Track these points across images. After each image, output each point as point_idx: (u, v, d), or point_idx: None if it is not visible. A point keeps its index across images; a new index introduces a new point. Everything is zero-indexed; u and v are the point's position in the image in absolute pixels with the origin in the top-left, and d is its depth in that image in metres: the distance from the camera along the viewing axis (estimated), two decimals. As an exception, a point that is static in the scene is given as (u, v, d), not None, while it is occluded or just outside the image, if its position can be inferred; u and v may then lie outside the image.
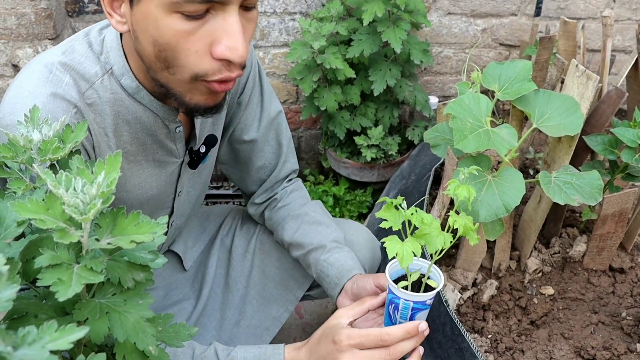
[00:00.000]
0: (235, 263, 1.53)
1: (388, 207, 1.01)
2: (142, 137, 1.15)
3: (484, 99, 1.23)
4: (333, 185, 2.50)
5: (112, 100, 1.07)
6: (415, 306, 1.01)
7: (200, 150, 1.28)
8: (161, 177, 1.24)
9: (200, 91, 1.02)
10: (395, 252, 0.93)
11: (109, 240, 0.65)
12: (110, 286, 0.71)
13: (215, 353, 1.13)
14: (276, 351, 1.11)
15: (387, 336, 1.00)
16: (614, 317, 1.40)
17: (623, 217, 1.39)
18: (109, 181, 0.64)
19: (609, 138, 1.38)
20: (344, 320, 1.07)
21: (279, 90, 2.48)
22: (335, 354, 1.02)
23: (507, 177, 1.19)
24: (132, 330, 0.68)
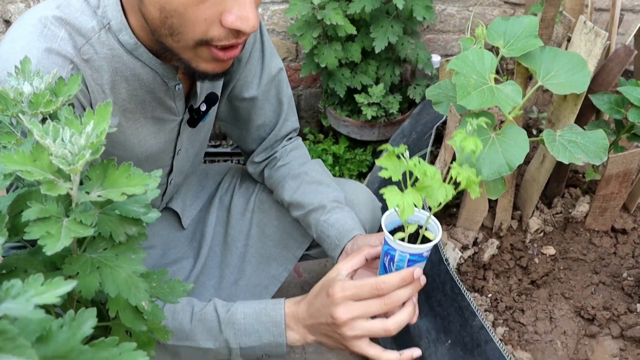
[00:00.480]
0: (234, 221, 1.52)
1: (389, 155, 0.97)
2: (141, 95, 1.12)
3: (488, 55, 1.20)
4: (333, 144, 2.47)
5: (109, 56, 1.04)
6: (411, 258, 0.98)
7: (201, 109, 1.25)
8: (160, 135, 1.21)
9: (204, 58, 0.99)
10: (396, 204, 0.89)
11: (99, 192, 0.63)
12: (101, 240, 0.69)
13: (214, 309, 1.11)
14: (277, 306, 1.09)
15: (382, 284, 0.98)
16: (614, 278, 1.39)
17: (627, 177, 1.36)
18: (98, 132, 0.61)
19: (615, 97, 1.35)
20: (343, 272, 1.04)
21: (278, 47, 2.43)
22: (330, 307, 0.99)
23: (511, 135, 1.16)
24: (124, 286, 0.66)
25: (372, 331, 1.00)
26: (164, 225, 1.51)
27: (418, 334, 1.30)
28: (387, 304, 0.98)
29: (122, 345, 0.59)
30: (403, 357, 1.02)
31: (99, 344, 0.59)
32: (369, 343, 1.02)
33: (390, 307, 0.98)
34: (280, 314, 1.08)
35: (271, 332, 1.08)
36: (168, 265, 1.46)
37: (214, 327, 1.10)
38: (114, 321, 0.79)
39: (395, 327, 0.99)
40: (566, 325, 1.31)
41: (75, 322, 0.58)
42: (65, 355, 0.56)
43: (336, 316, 0.98)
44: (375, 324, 0.99)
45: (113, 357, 0.58)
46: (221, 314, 1.10)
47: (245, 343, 1.09)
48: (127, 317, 0.73)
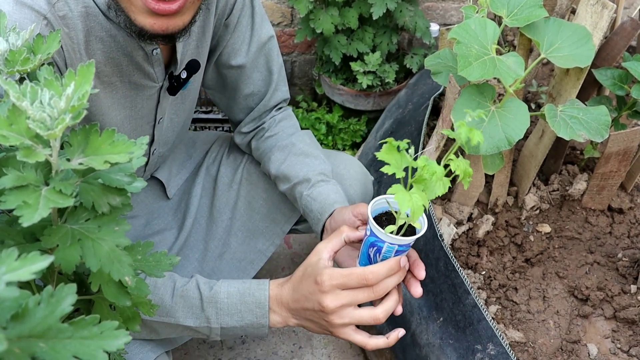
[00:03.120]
0: (221, 193, 1.47)
1: (390, 148, 0.93)
2: (117, 58, 1.06)
3: (491, 25, 1.15)
4: (326, 112, 2.42)
5: (84, 14, 0.98)
6: (399, 249, 0.96)
7: (181, 76, 1.20)
8: (137, 100, 1.15)
9: (139, 8, 0.93)
10: (409, 207, 0.87)
11: (81, 160, 0.59)
12: (83, 211, 0.65)
13: (197, 286, 1.08)
14: (261, 287, 1.06)
15: (370, 275, 0.96)
16: (609, 258, 1.37)
17: (627, 156, 1.33)
18: (80, 94, 0.57)
19: (619, 72, 1.31)
20: (324, 255, 1.01)
21: (273, 11, 2.37)
22: (318, 294, 0.97)
23: (512, 109, 1.13)
24: (107, 259, 0.62)
25: (361, 320, 0.98)
26: (148, 195, 1.46)
27: (410, 310, 1.28)
28: (376, 292, 0.97)
29: (103, 324, 0.56)
30: (390, 341, 1.01)
31: (78, 322, 0.55)
32: (355, 330, 1.01)
33: (378, 296, 0.97)
34: (264, 295, 1.05)
35: (254, 314, 1.05)
36: (151, 236, 1.42)
37: (196, 305, 1.07)
38: (97, 295, 0.75)
39: (384, 315, 0.98)
40: (559, 305, 1.29)
41: (53, 298, 0.54)
42: (42, 334, 0.53)
43: (325, 304, 0.96)
44: (364, 312, 0.98)
45: (93, 336, 0.55)
46: (204, 292, 1.07)
47: (226, 323, 1.06)
48: (110, 291, 0.70)
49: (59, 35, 0.73)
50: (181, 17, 0.97)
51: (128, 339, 0.55)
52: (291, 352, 1.73)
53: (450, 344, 1.18)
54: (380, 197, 0.99)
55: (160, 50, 1.11)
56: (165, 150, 1.37)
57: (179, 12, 0.95)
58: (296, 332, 1.78)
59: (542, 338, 1.24)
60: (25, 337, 0.52)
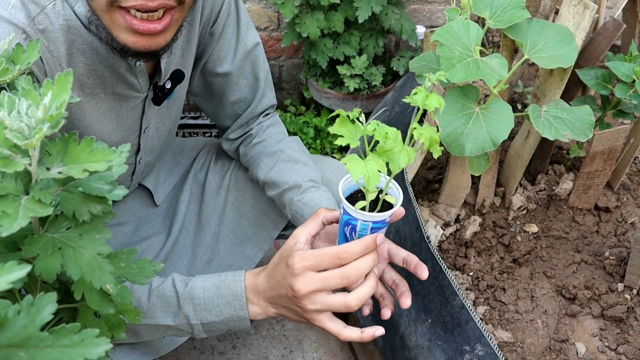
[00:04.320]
0: (209, 199, 1.47)
1: (343, 120, 0.90)
2: (100, 70, 1.06)
3: (474, 27, 1.16)
4: (314, 116, 2.42)
5: (65, 27, 0.97)
6: (374, 226, 0.93)
7: (166, 86, 1.19)
8: (122, 111, 1.15)
9: (120, 26, 0.93)
10: (361, 174, 0.85)
11: (60, 169, 0.59)
12: (64, 219, 0.65)
13: (173, 284, 1.07)
14: (236, 278, 1.04)
15: (344, 253, 0.92)
16: (596, 257, 1.38)
17: (612, 155, 1.34)
18: (58, 103, 0.57)
19: (602, 72, 1.32)
20: (302, 238, 0.98)
21: (259, 16, 2.37)
22: (289, 278, 0.94)
23: (496, 110, 1.13)
24: (88, 268, 0.62)
25: (332, 306, 0.94)
26: (136, 202, 1.46)
27: (398, 312, 1.28)
28: (349, 278, 0.92)
29: (84, 332, 0.55)
30: (364, 335, 0.96)
31: (59, 331, 0.55)
32: (330, 317, 0.96)
33: (352, 281, 0.93)
34: (240, 286, 1.02)
35: (232, 306, 1.03)
36: (138, 243, 1.41)
37: (173, 303, 1.05)
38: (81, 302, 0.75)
39: (356, 303, 0.94)
40: (547, 304, 1.30)
41: (33, 307, 0.54)
42: (22, 344, 0.53)
43: (296, 288, 0.93)
44: (336, 298, 0.94)
45: (74, 345, 0.55)
46: (179, 289, 1.05)
47: (206, 318, 1.05)
48: (93, 299, 0.70)
49: (39, 45, 0.73)
50: (164, 35, 0.97)
51: (109, 347, 0.55)
52: (282, 356, 1.73)
53: (438, 345, 1.19)
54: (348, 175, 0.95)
55: (144, 61, 1.11)
56: (151, 158, 1.37)
57: (162, 31, 0.95)
58: (287, 337, 1.77)
59: (530, 338, 1.24)
60: (5, 347, 0.52)
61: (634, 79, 1.25)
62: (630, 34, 1.55)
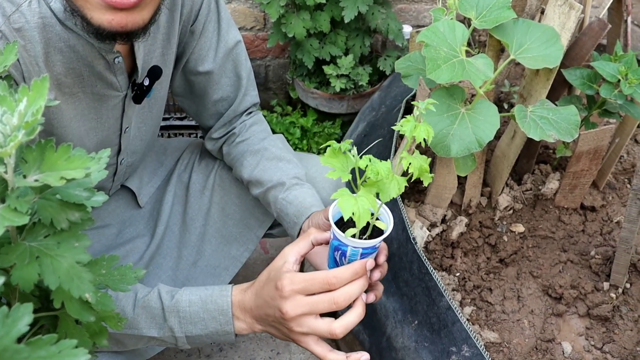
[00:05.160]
0: (193, 200, 1.46)
1: (334, 151, 0.90)
2: (78, 68, 1.04)
3: (459, 27, 1.16)
4: (301, 116, 2.42)
5: (41, 25, 0.96)
6: (364, 252, 0.94)
7: (144, 84, 1.18)
8: (102, 110, 1.14)
9: (95, 5, 0.90)
10: (352, 212, 0.85)
11: (37, 176, 0.58)
12: (42, 228, 0.63)
13: (158, 296, 1.05)
14: (223, 292, 1.03)
15: (334, 279, 0.92)
16: (582, 256, 1.38)
17: (598, 154, 1.34)
18: (34, 110, 0.56)
19: (588, 72, 1.32)
20: (290, 258, 0.98)
21: (245, 16, 2.36)
22: (278, 300, 0.94)
23: (482, 110, 1.13)
24: (66, 276, 0.61)
25: (318, 331, 0.94)
26: (120, 204, 1.45)
27: (385, 314, 1.28)
28: (337, 303, 0.93)
29: (61, 343, 0.54)
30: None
31: (35, 342, 0.54)
32: (316, 340, 0.97)
33: (340, 306, 0.93)
34: (227, 301, 1.02)
35: (218, 321, 1.02)
36: (122, 245, 1.40)
37: (158, 315, 1.04)
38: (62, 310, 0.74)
39: (342, 331, 0.94)
40: (533, 304, 1.30)
41: (9, 319, 0.53)
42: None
43: (284, 310, 0.93)
44: (322, 324, 0.94)
45: (51, 356, 0.54)
46: (165, 301, 1.04)
47: (191, 332, 1.04)
48: (73, 307, 0.69)
49: (16, 48, 0.71)
50: (140, 12, 0.94)
51: (87, 357, 0.54)
52: (269, 358, 1.72)
53: (425, 346, 1.18)
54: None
55: (123, 58, 1.09)
56: (134, 159, 1.35)
57: (137, 5, 0.92)
58: (274, 339, 1.77)
59: (517, 338, 1.24)
60: (-20, 360, 0.51)
61: (619, 78, 1.25)
62: (616, 33, 1.55)
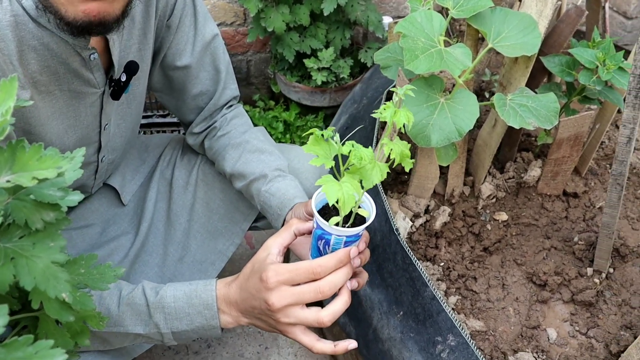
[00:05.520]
0: (177, 196, 1.45)
1: (316, 139, 0.91)
2: (53, 66, 1.03)
3: (437, 17, 1.15)
4: (283, 110, 2.41)
5: (13, 23, 0.94)
6: (347, 240, 0.94)
7: (121, 79, 1.17)
8: (80, 108, 1.13)
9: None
10: (337, 197, 0.85)
11: (8, 177, 0.57)
12: (16, 228, 0.63)
13: (143, 292, 1.05)
14: (208, 287, 1.03)
15: (318, 268, 0.93)
16: (566, 242, 1.38)
17: (578, 141, 1.35)
18: (3, 110, 0.55)
19: (566, 59, 1.32)
20: (274, 250, 0.98)
21: (225, 11, 2.35)
22: (263, 292, 0.94)
23: (461, 100, 1.13)
24: (42, 277, 0.61)
25: (306, 321, 0.95)
26: (102, 202, 1.44)
27: (370, 305, 1.28)
28: (323, 292, 0.93)
29: (38, 344, 0.54)
30: (337, 349, 0.97)
31: (11, 344, 0.54)
32: (303, 330, 0.97)
33: (326, 295, 0.94)
34: (211, 295, 1.02)
35: (203, 315, 1.02)
36: (107, 243, 1.39)
37: (143, 312, 1.04)
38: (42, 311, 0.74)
39: (329, 319, 0.95)
40: (518, 291, 1.30)
41: (-16, 321, 0.53)
42: (-28, 359, 0.51)
43: (270, 302, 0.93)
44: (310, 313, 0.95)
45: (28, 357, 0.53)
46: (150, 298, 1.04)
47: (176, 327, 1.03)
48: (52, 308, 0.68)
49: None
50: (111, 3, 0.93)
51: (64, 357, 0.54)
52: (257, 353, 1.72)
53: (411, 337, 1.19)
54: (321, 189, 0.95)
55: (98, 55, 1.08)
56: (115, 156, 1.35)
57: None
58: (262, 333, 1.77)
59: (502, 326, 1.25)
60: (-45, 364, 0.50)
61: (597, 65, 1.26)
62: (594, 19, 1.55)
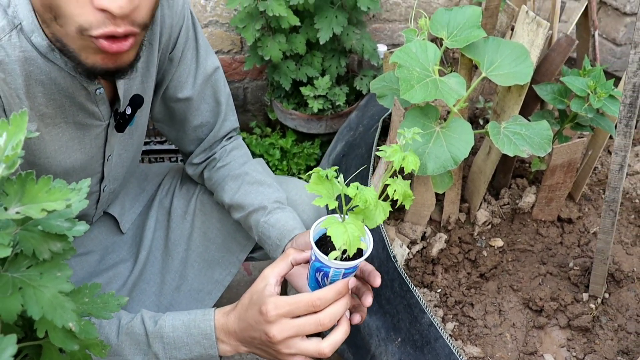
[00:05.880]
0: (175, 225, 1.46)
1: (319, 179, 0.93)
2: (59, 99, 1.05)
3: (431, 47, 1.18)
4: (280, 137, 2.44)
5: (22, 59, 0.96)
6: (346, 272, 0.96)
7: (126, 112, 1.19)
8: (85, 140, 1.15)
9: (92, 50, 0.92)
10: (343, 241, 0.86)
11: (18, 209, 0.58)
12: (24, 258, 0.64)
13: (142, 322, 1.06)
14: (206, 317, 1.04)
15: (318, 301, 0.95)
16: (561, 268, 1.40)
17: (572, 167, 1.37)
18: (14, 144, 0.56)
19: (558, 87, 1.35)
20: (271, 280, 1.00)
21: (222, 39, 2.38)
22: (264, 325, 0.96)
23: (456, 129, 1.15)
24: (49, 307, 0.62)
25: (307, 352, 0.97)
26: (102, 230, 1.45)
27: (368, 332, 1.29)
28: (323, 325, 0.95)
29: (46, 373, 0.55)
30: None
31: (20, 373, 0.55)
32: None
33: (326, 327, 0.96)
34: (210, 325, 1.03)
35: (202, 345, 1.03)
36: (105, 271, 1.40)
37: (142, 341, 1.05)
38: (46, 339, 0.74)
39: (330, 349, 0.97)
40: (515, 317, 1.31)
41: (-7, 351, 0.54)
42: (-18, 388, 0.52)
43: (271, 335, 0.95)
44: (311, 345, 0.97)
45: (36, 387, 0.54)
46: (149, 327, 1.05)
47: (175, 357, 1.04)
48: (56, 337, 0.69)
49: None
50: (128, 53, 0.97)
51: (72, 387, 0.55)
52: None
53: (409, 363, 1.19)
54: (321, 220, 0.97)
55: (104, 89, 1.11)
56: (115, 186, 1.36)
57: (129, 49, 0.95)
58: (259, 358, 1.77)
59: (499, 352, 1.25)
60: (-35, 393, 0.51)
61: (588, 92, 1.28)
62: (584, 48, 1.59)
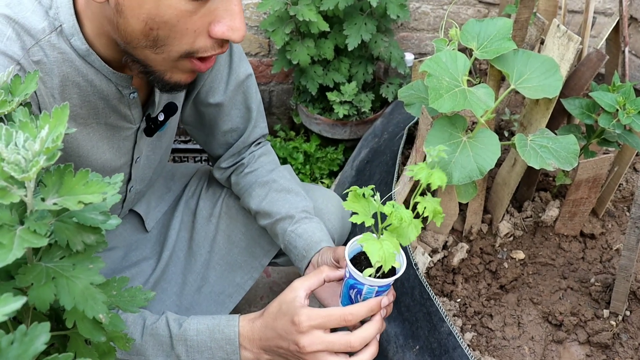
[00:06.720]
0: (200, 227, 1.48)
1: (356, 196, 0.95)
2: (93, 101, 1.07)
3: (461, 57, 1.18)
4: (304, 141, 2.45)
5: (60, 60, 0.99)
6: (379, 290, 0.97)
7: (159, 118, 1.21)
8: (114, 141, 1.17)
9: (182, 69, 0.98)
10: (379, 257, 0.88)
11: (55, 200, 0.60)
12: (58, 249, 0.66)
13: (166, 324, 1.08)
14: (230, 322, 1.06)
15: (349, 316, 0.97)
16: (582, 283, 1.39)
17: (597, 183, 1.36)
18: (54, 136, 0.58)
19: (586, 102, 1.34)
20: (301, 292, 1.02)
21: (250, 42, 2.40)
22: (295, 335, 0.98)
23: (483, 139, 1.15)
24: (81, 297, 0.63)
25: None
26: (127, 228, 1.47)
27: (386, 338, 1.29)
28: (352, 347, 0.97)
29: (77, 362, 0.56)
30: None
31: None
32: None
33: (354, 349, 0.98)
34: (234, 331, 1.05)
35: (225, 350, 1.05)
36: (128, 268, 1.42)
37: (166, 343, 1.07)
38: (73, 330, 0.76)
39: None
40: (534, 330, 1.31)
41: (27, 337, 0.55)
42: (15, 374, 0.54)
43: (302, 345, 0.97)
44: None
45: (67, 375, 0.56)
46: (173, 330, 1.07)
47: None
48: (85, 327, 0.70)
49: (37, 76, 0.74)
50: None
51: (100, 377, 0.56)
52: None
53: (426, 372, 1.19)
54: (357, 238, 0.99)
55: (138, 93, 1.12)
56: (142, 186, 1.38)
57: None
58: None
59: (517, 364, 1.25)
60: (-1, 377, 0.53)
61: (617, 108, 1.28)
62: (614, 63, 1.58)
